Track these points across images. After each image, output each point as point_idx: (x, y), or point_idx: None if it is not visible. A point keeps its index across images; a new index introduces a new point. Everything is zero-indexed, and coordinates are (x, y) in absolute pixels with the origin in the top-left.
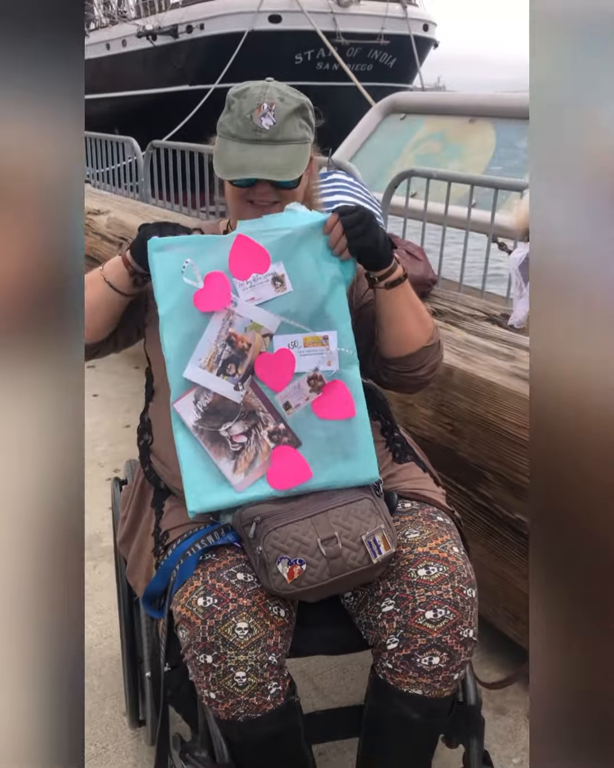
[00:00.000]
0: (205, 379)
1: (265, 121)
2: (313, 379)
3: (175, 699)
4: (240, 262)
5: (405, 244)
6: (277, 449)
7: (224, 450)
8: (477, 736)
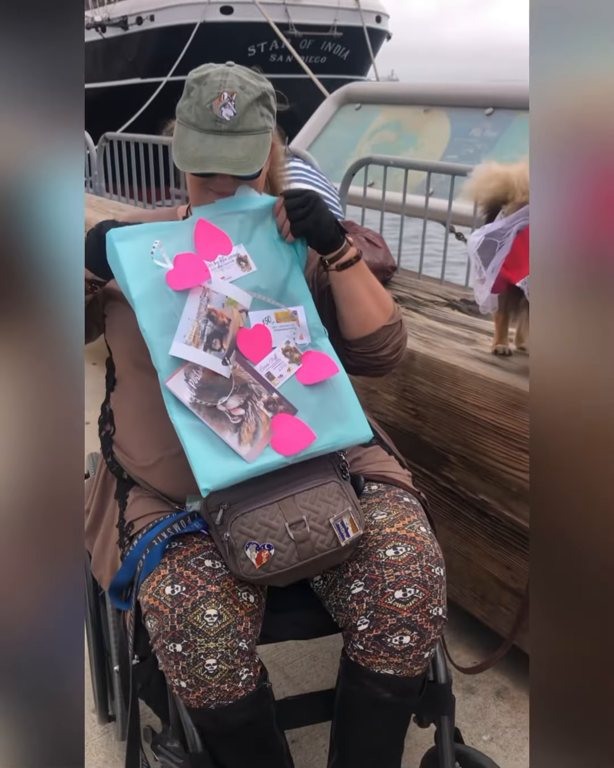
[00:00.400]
0: (193, 355)
1: (226, 111)
2: (288, 350)
3: (145, 692)
4: (205, 245)
5: (364, 231)
6: (276, 417)
7: (226, 424)
8: (448, 714)
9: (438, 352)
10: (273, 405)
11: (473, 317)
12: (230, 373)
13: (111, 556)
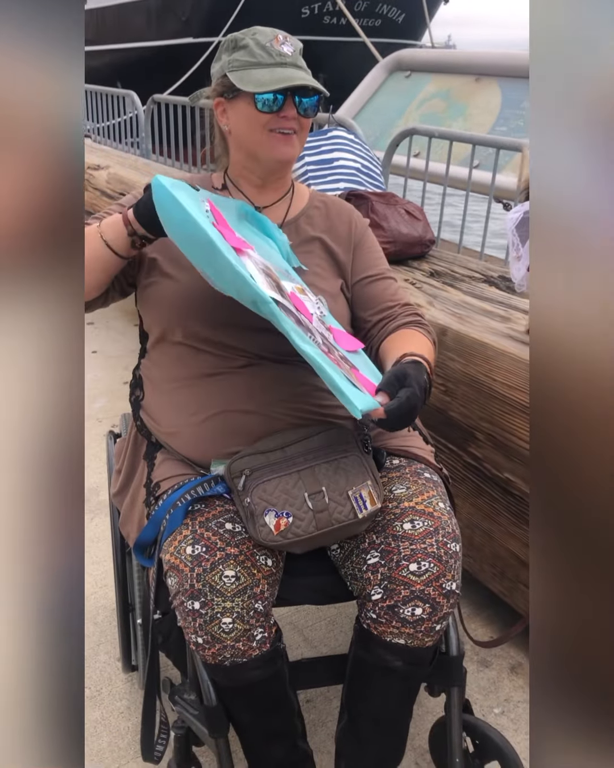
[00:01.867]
0: (278, 297)
1: (286, 48)
2: (321, 321)
3: (165, 645)
4: (219, 221)
5: (404, 204)
6: (352, 370)
7: (333, 359)
8: (458, 685)
9: (471, 329)
10: (345, 361)
11: (510, 294)
12: (309, 325)
13: (138, 515)
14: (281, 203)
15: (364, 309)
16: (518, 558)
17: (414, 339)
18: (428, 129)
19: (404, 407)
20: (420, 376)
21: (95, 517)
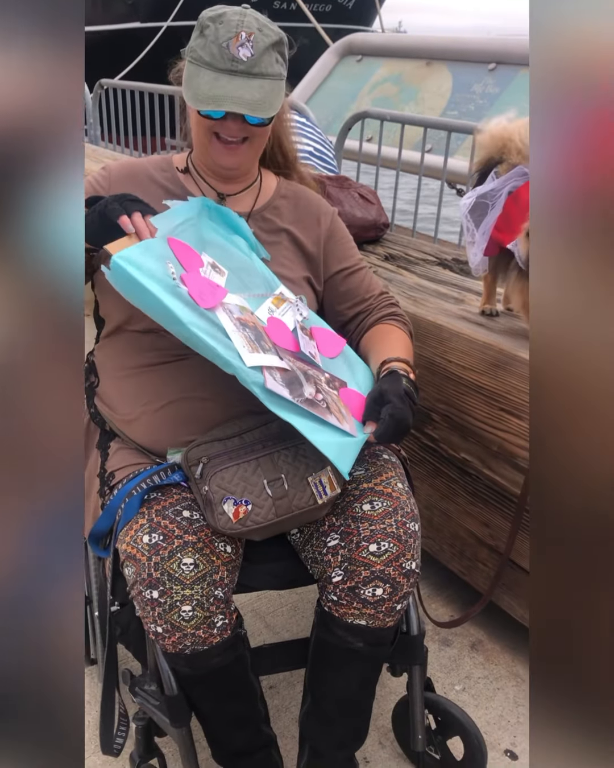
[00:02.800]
0: (263, 360)
1: (243, 51)
2: (302, 329)
3: (124, 637)
4: (187, 262)
5: (358, 187)
6: (340, 393)
7: (322, 409)
8: (419, 664)
9: (425, 311)
10: (331, 383)
11: (464, 277)
12: (291, 365)
13: (92, 505)
14: (248, 193)
15: (340, 303)
16: (476, 537)
17: (390, 337)
18: (380, 112)
19: (391, 426)
20: (397, 386)
21: None
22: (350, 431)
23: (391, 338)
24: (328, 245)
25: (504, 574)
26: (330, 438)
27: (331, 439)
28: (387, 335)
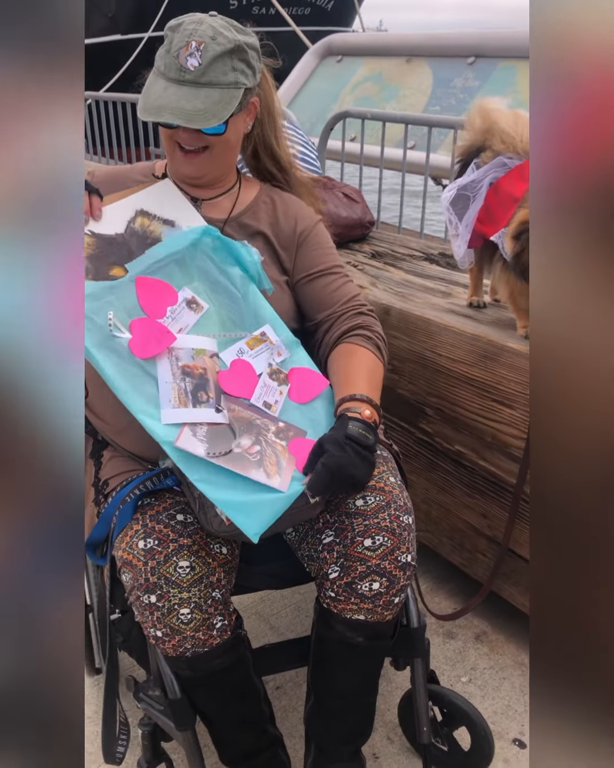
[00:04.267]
0: (186, 416)
1: (191, 61)
2: (274, 373)
3: (126, 644)
4: (151, 303)
5: (341, 187)
6: (291, 444)
7: (247, 464)
8: (421, 656)
9: (413, 306)
10: (283, 433)
11: (450, 270)
12: (227, 419)
13: (89, 515)
14: (225, 198)
15: (306, 308)
16: (474, 528)
17: (350, 364)
18: (360, 111)
19: (323, 475)
20: (338, 433)
21: None
22: (278, 486)
23: (351, 365)
24: (300, 252)
25: (504, 563)
26: (239, 497)
27: (240, 498)
28: (348, 361)
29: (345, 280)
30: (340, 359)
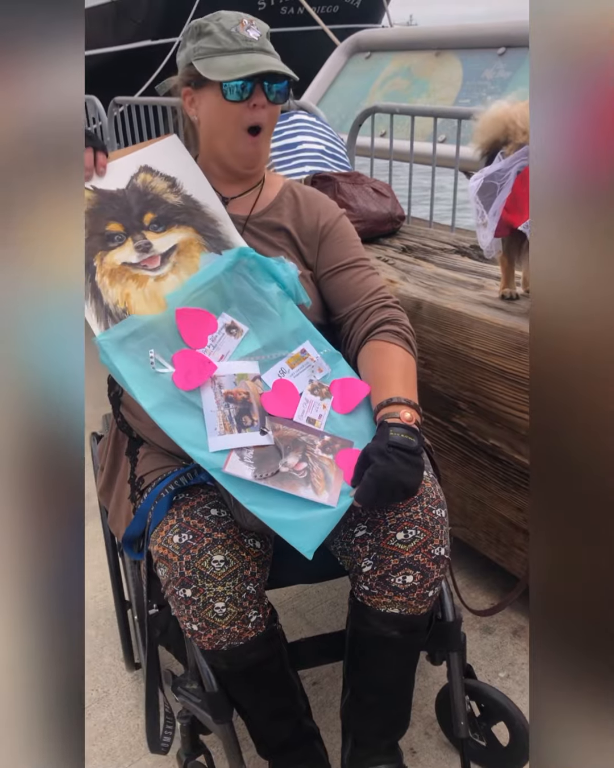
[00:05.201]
0: (232, 442)
1: (252, 32)
2: (315, 388)
3: (163, 638)
4: (192, 333)
5: (371, 182)
6: (337, 456)
7: (295, 482)
8: (457, 650)
9: (444, 300)
10: (329, 447)
11: (482, 263)
12: (273, 440)
13: (125, 511)
14: (250, 195)
15: (331, 302)
16: (511, 523)
17: (383, 364)
18: (389, 106)
19: (371, 486)
20: (380, 442)
21: (89, 522)
22: (328, 502)
23: (383, 366)
24: (322, 246)
25: None
26: (290, 515)
27: (292, 517)
28: (380, 361)
29: (369, 273)
30: (371, 359)
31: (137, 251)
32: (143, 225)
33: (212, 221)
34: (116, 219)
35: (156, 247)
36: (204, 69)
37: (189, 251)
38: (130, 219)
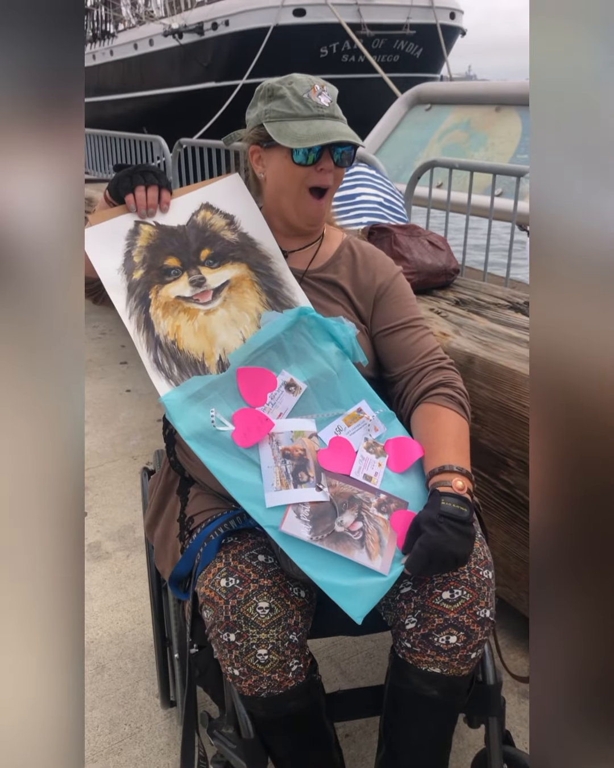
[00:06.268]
0: (288, 497)
1: (323, 99)
2: (371, 446)
3: (202, 679)
4: (252, 392)
5: (427, 235)
6: (392, 518)
7: (350, 543)
8: (497, 715)
9: (498, 356)
10: (385, 506)
11: None
12: (329, 496)
13: (172, 549)
14: (309, 249)
15: (386, 362)
16: None
17: (436, 429)
18: (448, 161)
19: (422, 556)
20: (431, 512)
21: (131, 554)
22: (380, 569)
23: (437, 431)
24: (378, 305)
25: None
26: (343, 580)
27: (345, 582)
28: (433, 426)
29: (424, 333)
30: (425, 423)
31: (191, 285)
32: (199, 260)
33: (265, 258)
34: (174, 254)
35: (209, 282)
36: (276, 133)
37: (240, 287)
38: (187, 254)
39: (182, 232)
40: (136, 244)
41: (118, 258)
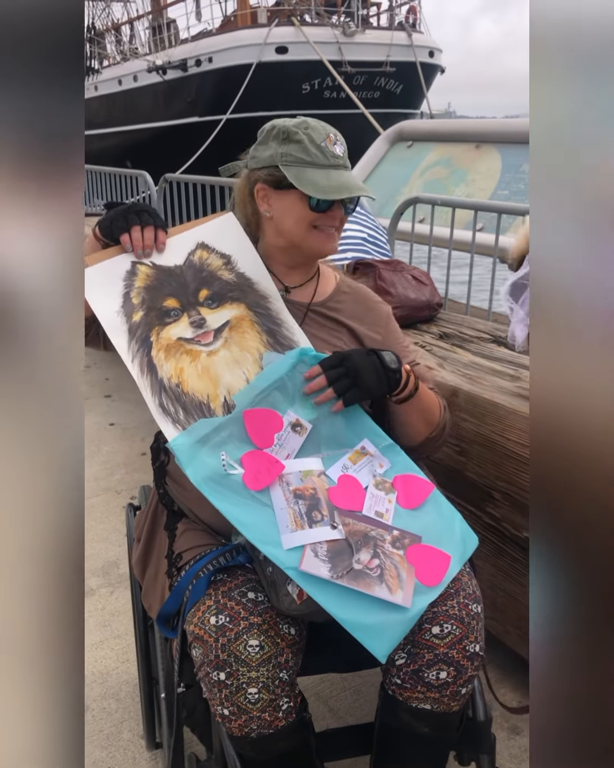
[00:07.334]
0: (304, 538)
1: (338, 149)
2: (379, 483)
3: (190, 719)
4: (259, 433)
5: (410, 269)
6: (408, 552)
7: (370, 580)
8: (488, 752)
9: (482, 389)
10: (399, 542)
11: (518, 353)
12: (344, 534)
13: (160, 586)
14: (309, 285)
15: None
16: None
17: None
18: (431, 197)
19: (338, 355)
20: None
21: (115, 590)
22: (402, 602)
23: None
24: (386, 345)
25: None
26: (366, 618)
27: (368, 620)
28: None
29: (419, 368)
30: None
31: (192, 327)
32: (198, 301)
33: (263, 298)
34: (173, 295)
35: (209, 322)
36: (295, 178)
37: (241, 327)
38: (186, 295)
39: (179, 273)
40: (134, 285)
41: (117, 300)
